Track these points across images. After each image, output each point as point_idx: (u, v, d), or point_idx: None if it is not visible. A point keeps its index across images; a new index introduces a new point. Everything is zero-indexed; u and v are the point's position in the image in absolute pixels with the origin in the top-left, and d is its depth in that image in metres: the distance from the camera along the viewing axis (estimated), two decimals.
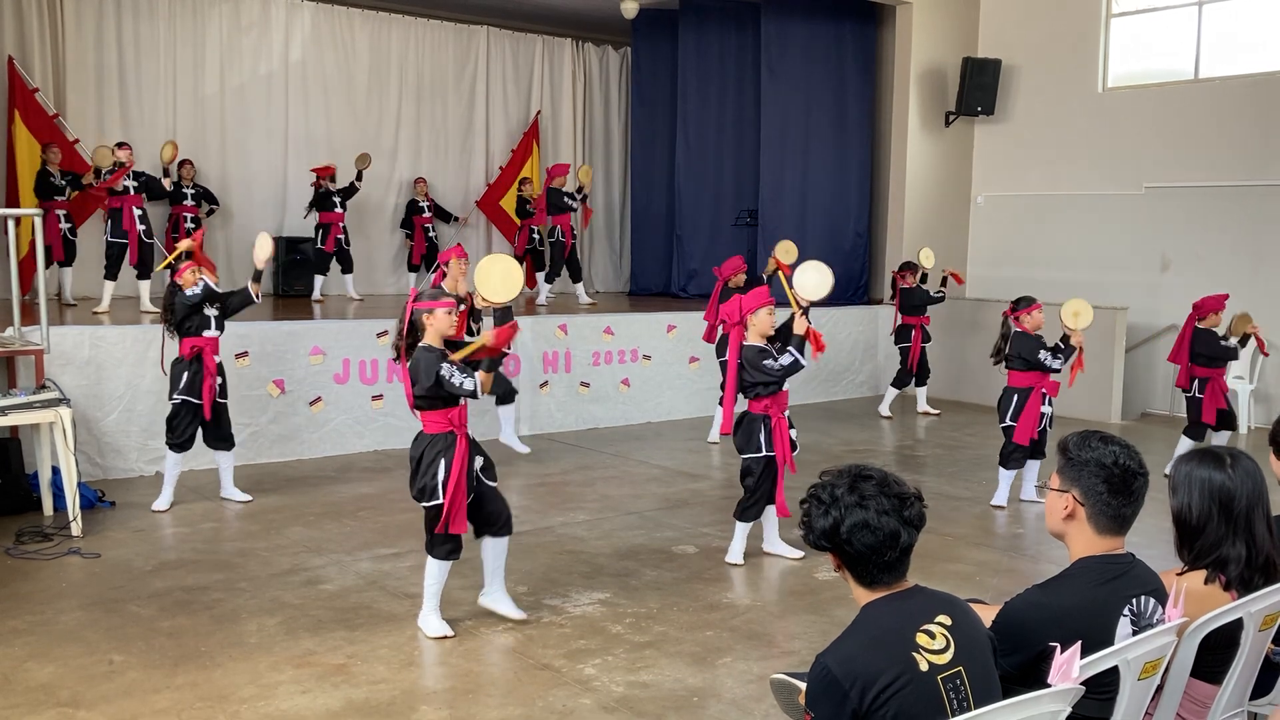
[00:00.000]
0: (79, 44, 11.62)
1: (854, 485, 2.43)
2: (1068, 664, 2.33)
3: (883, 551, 2.40)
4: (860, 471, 2.47)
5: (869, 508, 2.40)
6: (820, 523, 2.44)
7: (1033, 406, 7.38)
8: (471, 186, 14.46)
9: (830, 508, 2.43)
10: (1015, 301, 7.58)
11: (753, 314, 6.00)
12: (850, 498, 2.41)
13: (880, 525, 2.39)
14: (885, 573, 2.43)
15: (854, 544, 2.40)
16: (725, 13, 13.97)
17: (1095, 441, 2.74)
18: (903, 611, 2.41)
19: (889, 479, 2.46)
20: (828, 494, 2.45)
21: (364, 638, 4.94)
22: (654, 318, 11.10)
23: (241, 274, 12.73)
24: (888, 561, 2.41)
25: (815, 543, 2.49)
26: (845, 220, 13.40)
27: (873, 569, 2.42)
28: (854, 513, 2.40)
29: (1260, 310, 10.92)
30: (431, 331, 4.87)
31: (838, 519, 2.41)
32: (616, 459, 9.06)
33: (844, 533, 2.40)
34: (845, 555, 2.44)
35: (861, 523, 2.39)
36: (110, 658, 4.66)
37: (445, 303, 4.89)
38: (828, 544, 2.45)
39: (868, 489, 2.42)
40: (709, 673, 4.63)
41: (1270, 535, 2.99)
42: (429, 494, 4.84)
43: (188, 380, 6.97)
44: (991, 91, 13.00)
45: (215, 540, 6.53)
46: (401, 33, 13.83)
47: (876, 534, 2.39)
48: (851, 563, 2.44)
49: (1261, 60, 11.28)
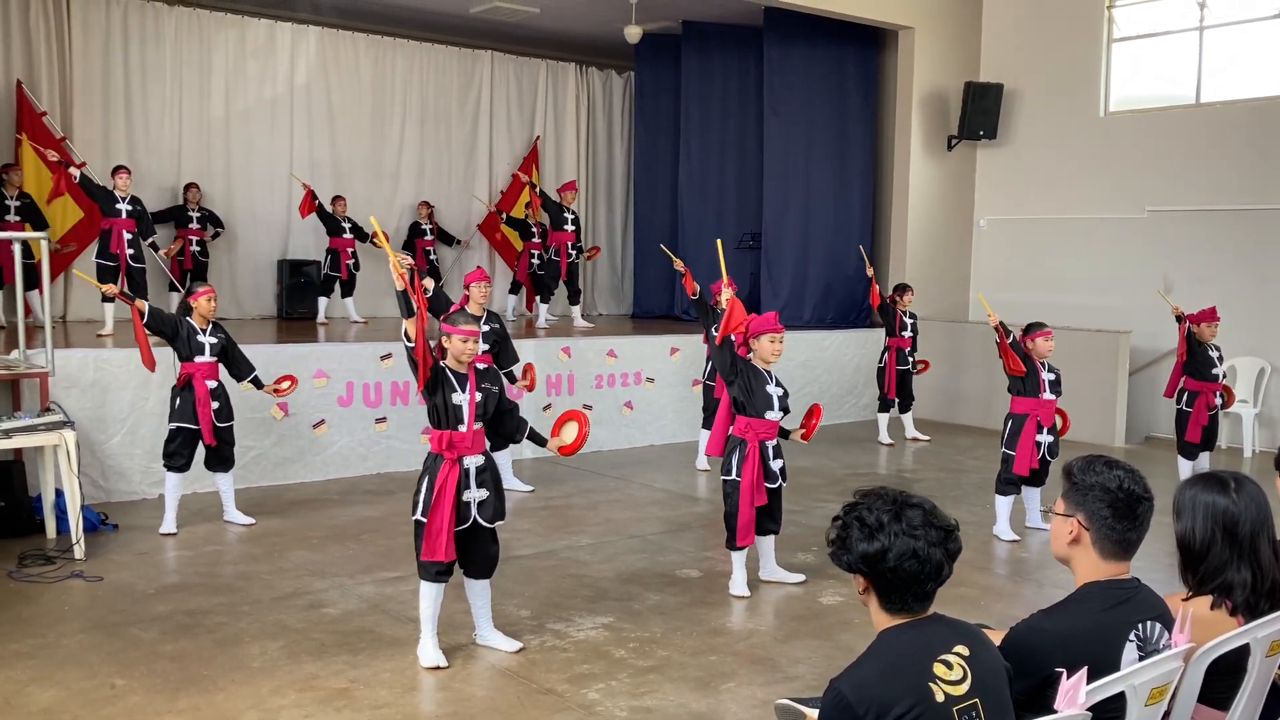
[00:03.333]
0: (86, 68, 11.70)
1: (899, 513, 2.39)
2: (1074, 690, 2.32)
3: (924, 582, 2.38)
4: (906, 499, 2.43)
5: (919, 537, 2.36)
6: (862, 546, 2.39)
7: (1027, 435, 7.30)
8: (475, 210, 14.50)
9: (876, 533, 2.38)
10: (1027, 327, 7.55)
11: (755, 338, 5.98)
12: (897, 525, 2.37)
13: (928, 556, 2.36)
14: (918, 601, 2.41)
15: (898, 572, 2.36)
16: (727, 38, 14.05)
17: (1100, 466, 2.74)
18: (921, 640, 2.38)
19: (935, 509, 2.43)
20: (874, 518, 2.39)
21: (366, 662, 4.93)
22: (657, 340, 11.11)
23: (245, 295, 12.83)
24: (926, 591, 2.39)
25: (849, 565, 2.43)
26: (848, 244, 13.42)
27: (907, 598, 2.40)
28: (902, 541, 2.36)
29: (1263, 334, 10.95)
30: (449, 353, 4.93)
31: (884, 546, 2.36)
32: (619, 482, 9.05)
33: (891, 560, 2.36)
34: (883, 581, 2.40)
35: (910, 552, 2.35)
36: (112, 681, 4.65)
37: (466, 330, 4.90)
38: (865, 568, 2.40)
39: (915, 518, 2.39)
40: (713, 698, 4.61)
41: (1275, 559, 2.98)
42: (412, 508, 4.94)
43: (180, 406, 7.05)
44: (993, 115, 13.06)
45: (218, 563, 6.52)
46: (406, 57, 13.91)
47: (924, 565, 2.36)
48: (886, 589, 2.40)
49: (1263, 85, 11.32)
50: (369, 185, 13.52)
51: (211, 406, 7.06)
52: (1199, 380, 8.60)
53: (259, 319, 12.75)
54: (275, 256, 13.06)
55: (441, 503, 4.82)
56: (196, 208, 11.99)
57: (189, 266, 11.84)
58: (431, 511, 4.82)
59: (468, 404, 4.88)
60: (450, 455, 4.86)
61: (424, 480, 4.90)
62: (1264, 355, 10.96)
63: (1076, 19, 12.65)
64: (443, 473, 4.84)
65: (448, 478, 4.84)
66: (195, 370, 7.03)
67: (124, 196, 10.07)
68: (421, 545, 4.87)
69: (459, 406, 4.87)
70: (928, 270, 12.96)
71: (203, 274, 11.80)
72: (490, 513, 5.00)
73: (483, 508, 4.96)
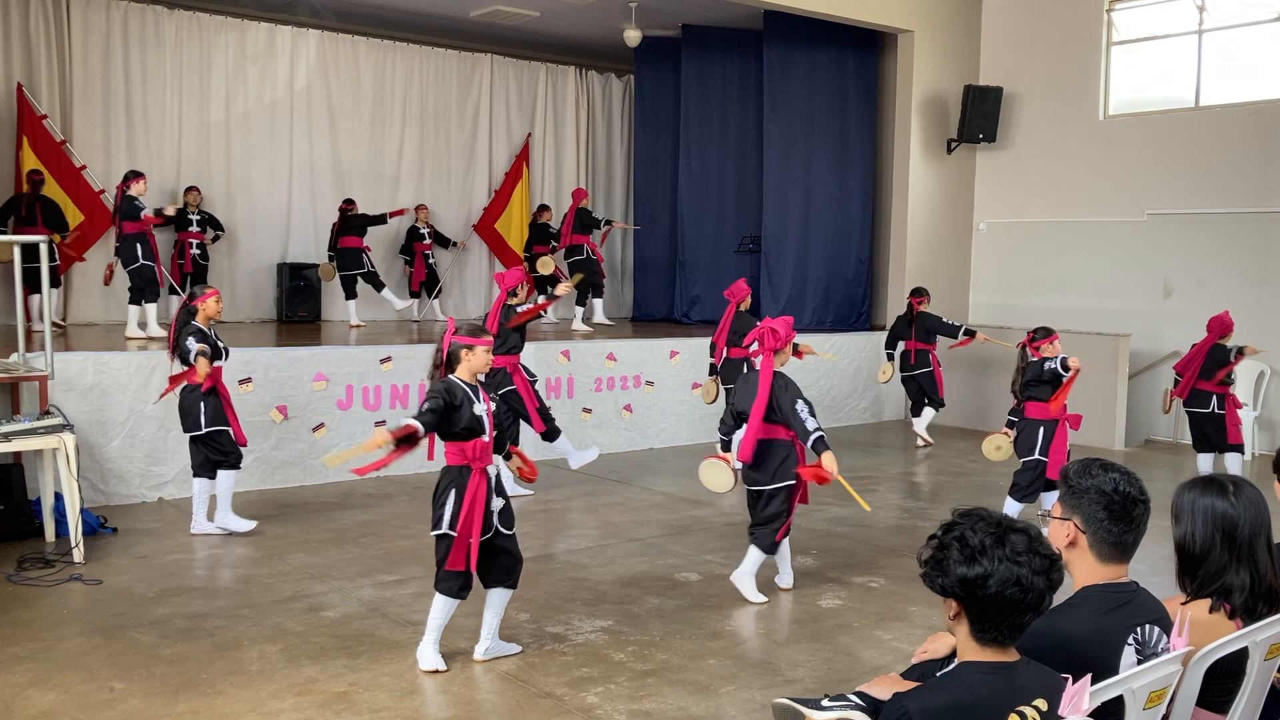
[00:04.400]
0: (85, 72, 11.71)
1: (1003, 537, 2.30)
2: (1078, 696, 2.31)
3: (1023, 612, 2.30)
4: (1010, 523, 2.34)
5: (1022, 564, 2.27)
6: (961, 570, 2.30)
7: (1060, 438, 7.23)
8: (474, 213, 14.53)
9: (979, 557, 2.29)
10: (1034, 331, 7.50)
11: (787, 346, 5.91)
12: (1000, 550, 2.28)
13: (1031, 585, 2.27)
14: (1013, 634, 2.33)
15: (998, 600, 2.27)
16: (727, 41, 14.07)
17: (1096, 469, 2.74)
18: (1003, 687, 2.30)
19: (1040, 535, 2.35)
20: (976, 540, 2.30)
21: (366, 665, 4.92)
22: (656, 344, 11.11)
23: (245, 298, 12.84)
24: (1023, 623, 2.32)
25: (945, 588, 2.34)
26: (847, 247, 13.45)
27: (1003, 628, 2.31)
28: (1005, 567, 2.27)
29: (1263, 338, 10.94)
30: (465, 367, 4.86)
31: (986, 571, 2.27)
32: (619, 485, 9.05)
33: (992, 587, 2.27)
34: (979, 609, 2.30)
35: (1013, 579, 2.27)
36: (111, 685, 4.64)
37: (486, 340, 4.88)
38: (962, 593, 2.31)
39: (1019, 543, 2.30)
40: (712, 701, 4.61)
41: (1273, 563, 2.98)
42: (435, 523, 4.82)
43: (210, 412, 6.99)
44: (993, 119, 13.06)
45: (217, 567, 6.52)
46: (406, 60, 13.92)
47: (1026, 594, 2.27)
48: (982, 617, 2.31)
49: (1262, 88, 11.33)
50: (369, 188, 13.53)
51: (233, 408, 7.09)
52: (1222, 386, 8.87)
53: (258, 322, 12.76)
54: (275, 260, 13.07)
55: (474, 514, 4.76)
56: (196, 211, 12.00)
57: (189, 270, 11.86)
58: (463, 524, 4.74)
59: (487, 413, 4.85)
60: (479, 465, 4.81)
61: (451, 493, 4.77)
62: (1264, 358, 10.95)
63: (1076, 22, 12.66)
64: (474, 484, 4.77)
65: (478, 489, 4.78)
66: (216, 372, 7.04)
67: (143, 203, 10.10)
68: (448, 556, 4.77)
69: (480, 417, 4.82)
70: (927, 273, 12.94)
71: (203, 277, 11.81)
72: (509, 519, 4.99)
73: (503, 515, 4.94)
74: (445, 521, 4.76)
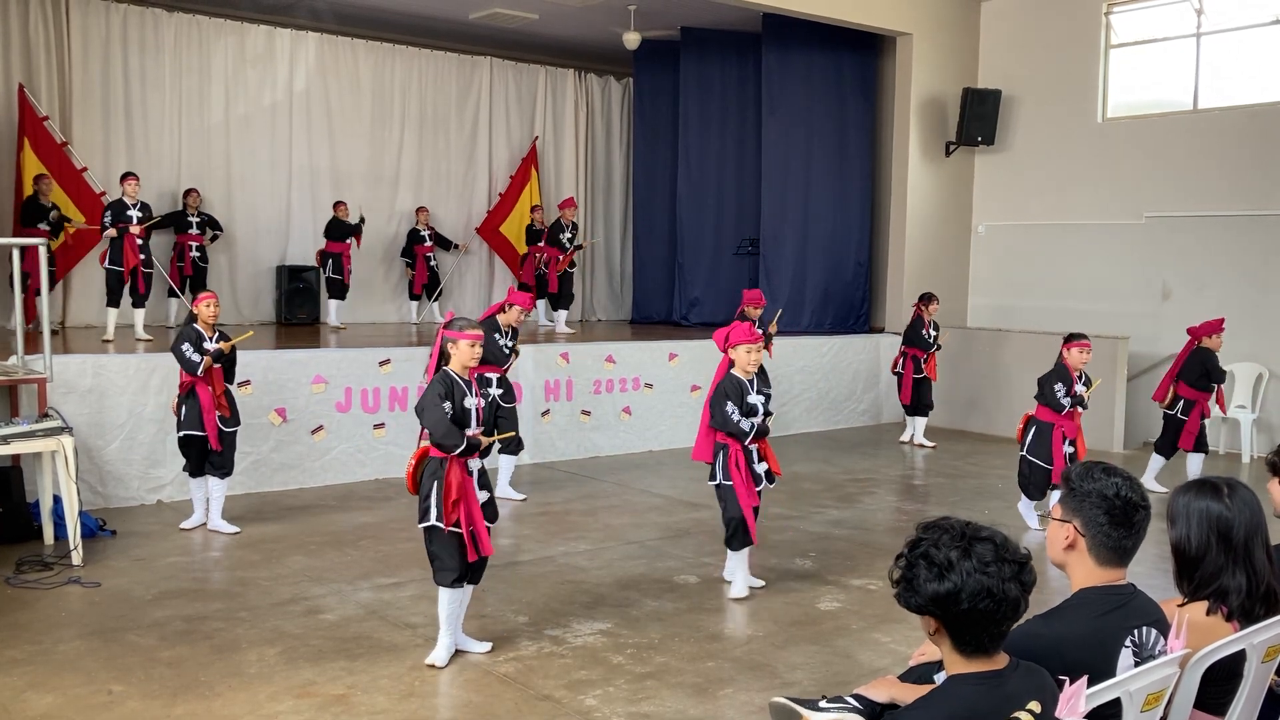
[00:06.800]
0: (85, 74, 11.72)
1: (968, 549, 2.28)
2: (1074, 698, 2.32)
3: (1000, 622, 2.27)
4: (974, 532, 2.32)
5: (992, 575, 2.25)
6: (931, 587, 2.27)
7: (1056, 445, 7.55)
8: (473, 215, 14.54)
9: (946, 572, 2.26)
10: (1069, 336, 7.80)
11: (733, 348, 6.03)
12: (967, 562, 2.26)
13: (1004, 594, 2.25)
14: (994, 642, 2.31)
15: (972, 614, 2.25)
16: (726, 44, 14.08)
17: (1098, 473, 2.74)
18: (996, 696, 2.28)
19: (1006, 541, 2.32)
20: (942, 556, 2.28)
21: (364, 668, 4.92)
22: (655, 346, 11.11)
23: (244, 300, 12.85)
24: (1003, 631, 2.30)
25: (918, 607, 2.32)
26: (846, 249, 13.45)
27: (983, 638, 2.29)
28: (975, 579, 2.24)
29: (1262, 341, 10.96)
30: (455, 359, 4.96)
31: (956, 585, 2.24)
32: (618, 488, 9.05)
33: (964, 601, 2.24)
34: (957, 623, 2.28)
35: (984, 590, 2.24)
36: (109, 688, 4.64)
37: (471, 335, 4.96)
38: (936, 609, 2.28)
39: (986, 553, 2.27)
40: (711, 704, 4.61)
41: (1270, 564, 2.98)
42: (422, 515, 4.91)
43: (186, 414, 7.05)
44: (991, 121, 13.08)
45: (215, 569, 6.52)
46: (405, 63, 13.94)
47: (1000, 604, 2.25)
48: (960, 631, 2.29)
49: (1260, 91, 11.34)
50: (368, 191, 13.54)
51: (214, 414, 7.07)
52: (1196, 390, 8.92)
53: (258, 324, 12.76)
54: (274, 262, 13.08)
55: (468, 501, 4.87)
56: (196, 213, 12.01)
57: (189, 273, 11.86)
58: (463, 513, 4.84)
59: (476, 408, 4.95)
60: (459, 459, 4.88)
61: (433, 486, 4.87)
62: (1262, 361, 10.97)
63: (1074, 25, 12.67)
64: (456, 475, 4.85)
65: (462, 480, 4.86)
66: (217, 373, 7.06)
67: (134, 203, 10.10)
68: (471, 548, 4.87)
69: (469, 410, 4.92)
70: (926, 276, 12.94)
71: (202, 280, 11.81)
72: (492, 513, 5.08)
73: (487, 509, 5.02)
74: (432, 514, 4.85)
